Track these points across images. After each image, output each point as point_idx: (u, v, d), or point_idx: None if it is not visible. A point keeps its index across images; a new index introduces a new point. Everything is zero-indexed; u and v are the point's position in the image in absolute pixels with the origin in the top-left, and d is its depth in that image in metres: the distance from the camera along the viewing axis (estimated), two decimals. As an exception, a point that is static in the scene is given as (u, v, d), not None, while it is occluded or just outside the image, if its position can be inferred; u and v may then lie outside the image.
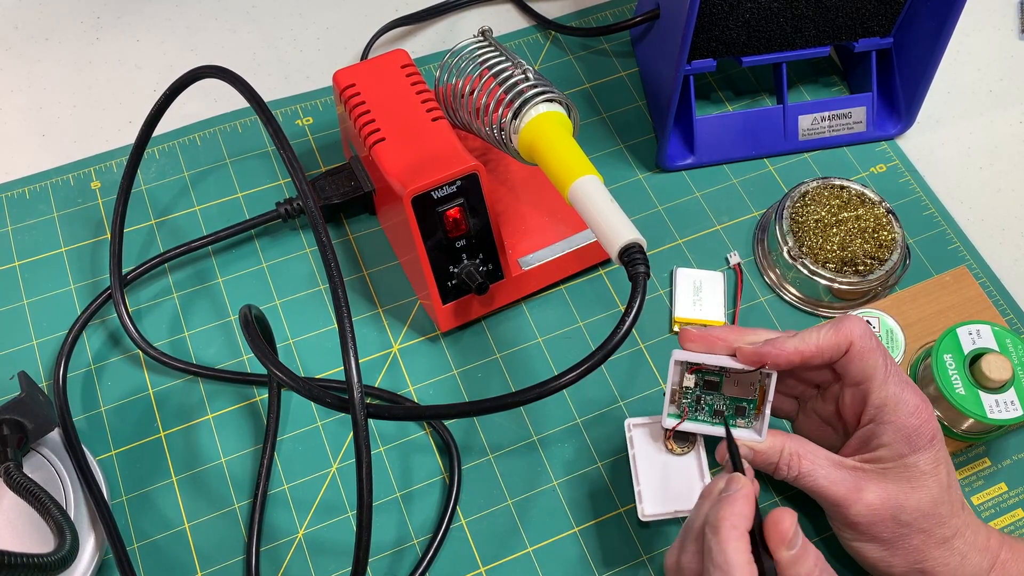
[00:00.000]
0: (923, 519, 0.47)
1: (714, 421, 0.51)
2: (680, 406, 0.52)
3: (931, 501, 0.47)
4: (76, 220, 0.67)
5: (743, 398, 0.51)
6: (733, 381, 0.51)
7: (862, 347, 0.48)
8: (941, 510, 0.47)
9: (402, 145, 0.58)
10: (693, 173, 0.71)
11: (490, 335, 0.63)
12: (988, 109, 0.75)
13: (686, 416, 0.51)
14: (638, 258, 0.48)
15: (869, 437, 0.48)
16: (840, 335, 0.48)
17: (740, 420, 0.51)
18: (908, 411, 0.47)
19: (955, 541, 0.47)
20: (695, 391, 0.51)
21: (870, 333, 0.49)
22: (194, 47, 0.77)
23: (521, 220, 0.64)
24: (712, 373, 0.51)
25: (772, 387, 0.50)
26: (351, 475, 0.58)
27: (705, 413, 0.52)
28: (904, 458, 0.47)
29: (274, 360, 0.49)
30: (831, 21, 0.68)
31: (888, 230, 0.64)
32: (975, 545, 0.48)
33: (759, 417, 0.51)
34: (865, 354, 0.48)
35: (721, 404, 0.51)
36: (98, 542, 0.53)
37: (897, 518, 0.47)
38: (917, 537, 0.47)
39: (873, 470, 0.48)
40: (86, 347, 0.62)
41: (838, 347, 0.48)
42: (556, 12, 0.79)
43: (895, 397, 0.48)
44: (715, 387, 0.51)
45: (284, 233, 0.67)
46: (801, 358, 0.48)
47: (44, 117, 0.72)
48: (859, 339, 0.48)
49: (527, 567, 0.56)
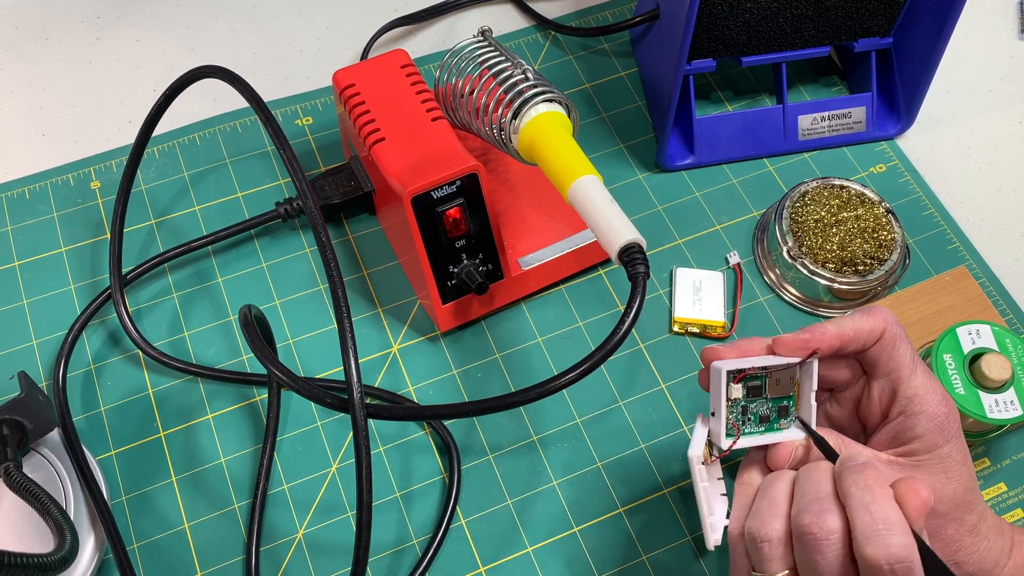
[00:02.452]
0: (957, 508, 0.46)
1: (761, 429, 0.49)
2: (728, 422, 0.48)
3: (964, 489, 0.46)
4: (76, 220, 0.67)
5: (783, 396, 0.49)
6: (775, 380, 0.49)
7: (894, 334, 0.47)
8: (971, 497, 0.47)
9: (402, 145, 0.58)
10: (693, 173, 0.71)
11: (490, 335, 0.63)
12: (988, 109, 0.75)
13: (739, 432, 0.48)
14: (638, 258, 0.48)
15: (900, 431, 0.47)
16: (876, 319, 0.47)
17: (783, 421, 0.49)
18: (938, 400, 0.46)
19: (981, 526, 0.47)
20: (741, 402, 0.48)
21: (899, 323, 0.48)
22: (194, 47, 0.77)
23: (521, 220, 0.64)
24: (755, 377, 0.48)
25: (815, 374, 0.47)
26: (351, 475, 0.58)
27: (752, 423, 0.49)
28: (939, 449, 0.46)
29: (274, 360, 0.49)
30: (831, 21, 0.68)
31: (888, 230, 0.64)
32: (995, 527, 0.48)
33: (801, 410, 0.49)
34: (897, 341, 0.47)
35: (766, 408, 0.49)
36: (98, 542, 0.53)
37: (935, 510, 0.46)
38: (951, 527, 0.46)
39: (908, 463, 0.47)
40: (86, 347, 0.62)
41: (873, 331, 0.47)
42: (556, 12, 0.79)
43: (924, 387, 0.47)
44: (759, 392, 0.48)
45: (284, 233, 0.67)
46: (841, 341, 0.47)
47: (44, 117, 0.72)
48: (892, 325, 0.47)
49: (527, 567, 0.56)
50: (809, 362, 0.48)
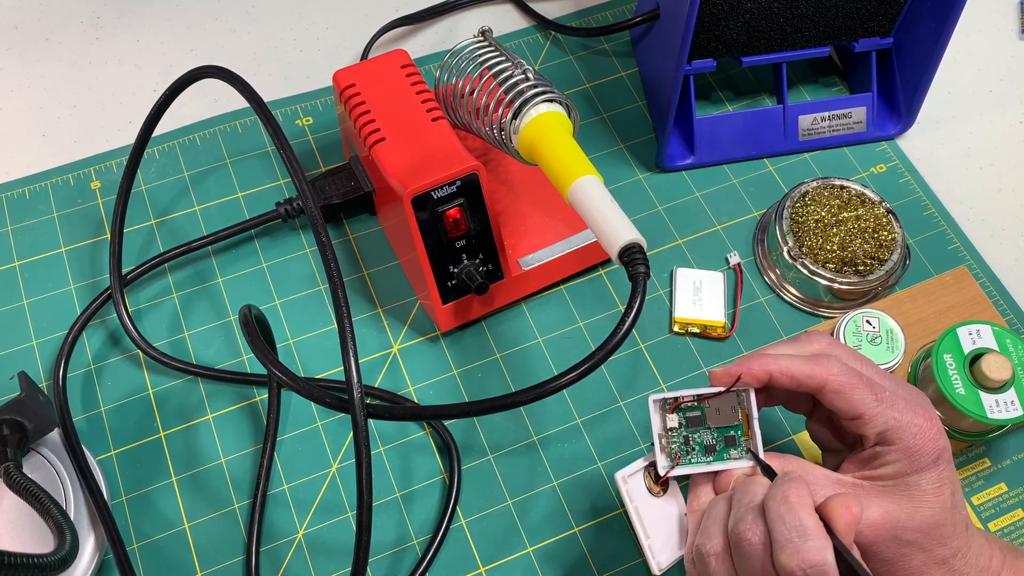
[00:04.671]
0: (924, 539, 0.45)
1: (709, 458, 0.48)
2: (671, 452, 0.48)
3: (933, 521, 0.45)
4: (76, 220, 0.67)
5: (729, 426, 0.49)
6: (715, 410, 0.48)
7: (840, 383, 0.45)
8: (943, 531, 0.45)
9: (402, 145, 0.58)
10: (693, 173, 0.71)
11: (490, 335, 0.63)
12: (988, 109, 0.75)
13: (679, 460, 0.48)
14: (638, 258, 0.48)
15: (871, 457, 0.46)
16: (816, 369, 0.45)
17: (733, 451, 0.48)
18: (912, 433, 0.45)
19: (955, 561, 0.46)
20: (680, 431, 0.48)
21: (847, 368, 0.46)
22: (194, 47, 0.77)
23: (521, 220, 0.64)
24: (692, 408, 0.48)
25: (753, 404, 0.47)
26: (351, 475, 0.58)
27: (696, 453, 0.48)
28: (906, 477, 0.45)
29: (274, 360, 0.49)
30: (831, 21, 0.68)
31: (888, 230, 0.64)
32: (976, 565, 0.46)
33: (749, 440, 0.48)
34: (845, 391, 0.45)
35: (710, 438, 0.48)
36: (98, 542, 0.53)
37: (899, 537, 0.45)
38: (917, 557, 0.45)
39: (872, 487, 0.46)
40: (86, 347, 0.62)
41: (813, 378, 0.46)
42: (556, 12, 0.79)
43: (895, 422, 0.45)
44: (699, 422, 0.48)
45: (284, 233, 0.67)
46: (769, 376, 0.46)
47: (44, 117, 0.72)
48: (835, 375, 0.45)
49: (527, 567, 0.56)
50: (746, 391, 0.48)
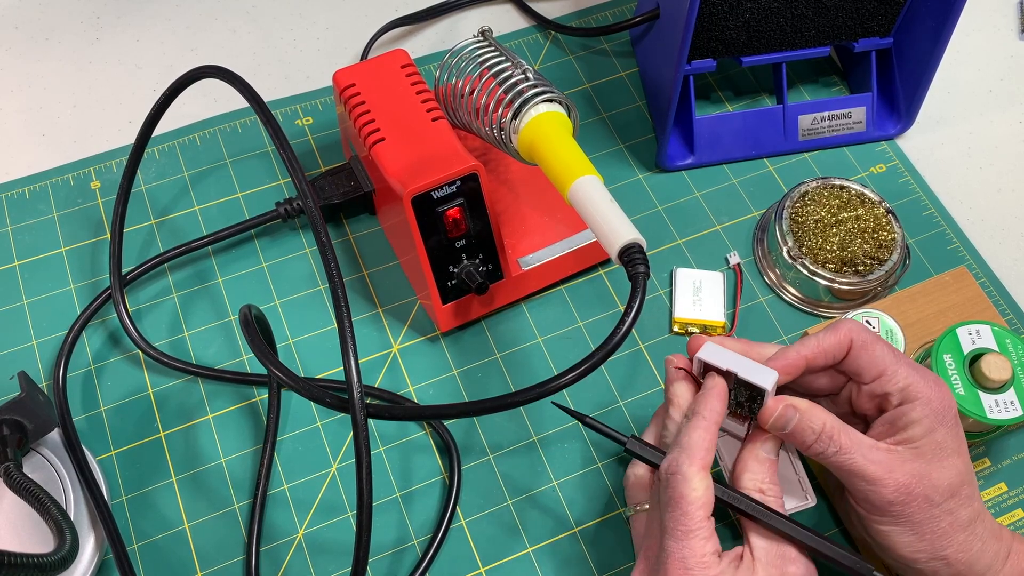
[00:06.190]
0: (952, 499, 0.47)
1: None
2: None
3: (959, 480, 0.47)
4: (76, 220, 0.67)
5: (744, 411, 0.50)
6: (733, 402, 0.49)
7: (863, 339, 0.49)
8: (966, 490, 0.47)
9: (402, 145, 0.58)
10: (693, 173, 0.71)
11: (490, 335, 0.63)
12: (988, 109, 0.75)
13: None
14: (638, 258, 0.48)
15: (896, 417, 0.48)
16: (839, 333, 0.49)
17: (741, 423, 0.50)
18: (931, 387, 0.48)
19: (976, 526, 0.48)
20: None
21: (867, 328, 0.49)
22: (194, 47, 0.77)
23: (521, 220, 0.64)
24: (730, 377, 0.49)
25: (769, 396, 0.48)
26: (351, 475, 0.58)
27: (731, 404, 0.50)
28: (933, 434, 0.47)
29: (274, 360, 0.49)
30: (831, 21, 0.68)
31: (888, 230, 0.64)
32: (992, 532, 0.48)
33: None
34: (868, 345, 0.49)
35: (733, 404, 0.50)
36: (98, 542, 0.53)
37: (929, 497, 0.47)
38: (945, 519, 0.47)
39: (905, 451, 0.48)
40: (86, 347, 0.62)
41: (840, 345, 0.49)
42: (556, 12, 0.79)
43: (914, 376, 0.48)
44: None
45: (284, 233, 0.67)
46: (806, 362, 0.49)
47: (44, 117, 0.72)
48: (858, 333, 0.49)
49: (527, 567, 0.56)
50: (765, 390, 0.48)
